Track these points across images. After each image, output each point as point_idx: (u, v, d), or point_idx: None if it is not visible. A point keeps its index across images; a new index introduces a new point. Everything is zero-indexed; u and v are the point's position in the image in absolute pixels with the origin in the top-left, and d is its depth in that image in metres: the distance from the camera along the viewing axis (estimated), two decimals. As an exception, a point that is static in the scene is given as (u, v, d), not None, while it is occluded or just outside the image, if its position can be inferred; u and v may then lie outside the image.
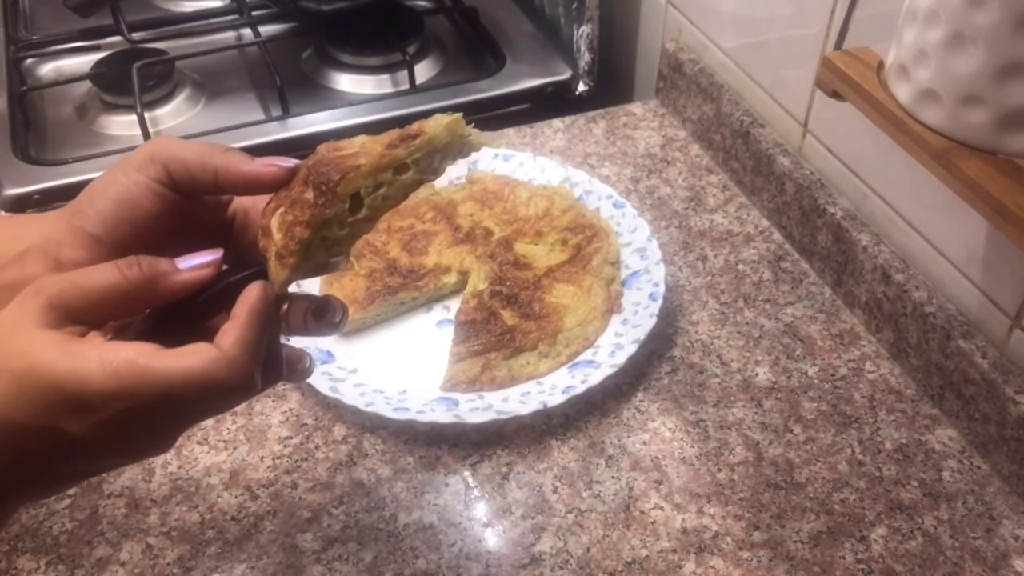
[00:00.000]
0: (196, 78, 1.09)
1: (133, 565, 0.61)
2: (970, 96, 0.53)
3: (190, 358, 0.39)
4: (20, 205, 0.91)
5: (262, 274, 0.44)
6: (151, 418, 0.40)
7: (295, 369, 0.48)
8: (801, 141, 0.86)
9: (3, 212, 0.88)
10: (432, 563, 0.62)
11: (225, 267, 0.44)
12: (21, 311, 0.39)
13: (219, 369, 0.39)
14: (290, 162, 0.46)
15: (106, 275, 0.41)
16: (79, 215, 0.44)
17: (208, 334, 0.42)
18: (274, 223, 0.44)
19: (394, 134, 0.47)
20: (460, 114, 0.48)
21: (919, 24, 0.54)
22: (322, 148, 0.47)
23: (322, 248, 0.45)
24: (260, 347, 0.42)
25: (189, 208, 0.46)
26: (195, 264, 0.43)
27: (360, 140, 0.48)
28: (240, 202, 0.50)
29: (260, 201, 0.50)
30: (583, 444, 0.69)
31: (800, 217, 0.84)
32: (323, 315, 0.47)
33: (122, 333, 0.42)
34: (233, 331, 0.41)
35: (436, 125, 0.47)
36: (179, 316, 0.43)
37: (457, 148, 0.49)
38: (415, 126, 0.47)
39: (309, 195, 0.44)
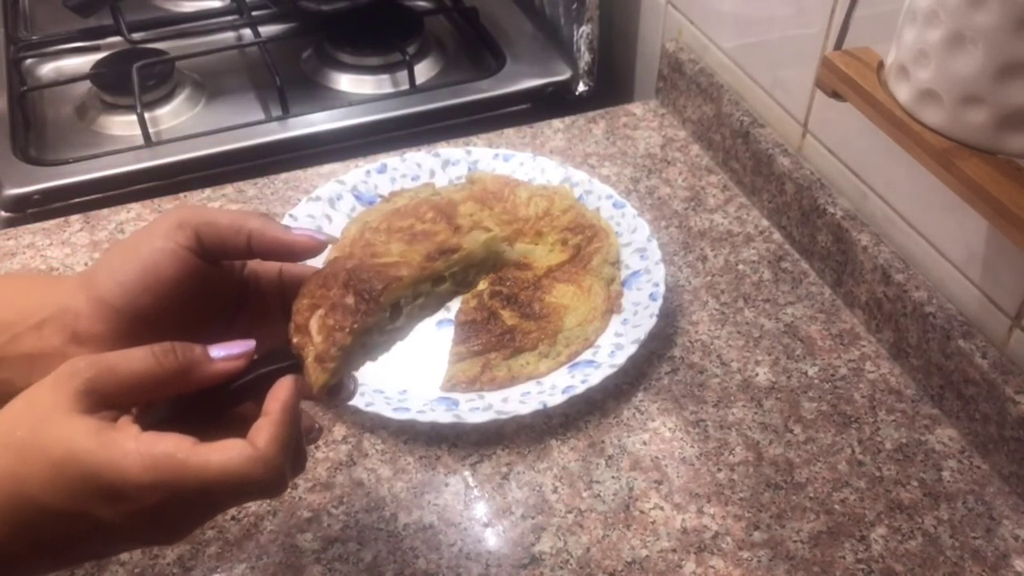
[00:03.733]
0: (196, 78, 1.09)
1: (133, 565, 0.61)
2: (970, 96, 0.53)
3: (226, 454, 0.39)
4: (20, 205, 0.91)
5: (292, 367, 0.45)
6: (182, 510, 0.40)
7: (307, 438, 0.48)
8: (801, 141, 0.86)
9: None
10: (432, 563, 0.62)
11: (255, 357, 0.45)
12: (56, 394, 0.39)
13: (255, 468, 0.40)
14: (325, 235, 0.47)
15: (142, 362, 0.41)
16: (98, 286, 0.44)
17: (233, 421, 0.43)
18: (314, 324, 0.45)
19: (432, 245, 0.49)
20: (496, 232, 0.50)
21: (919, 24, 0.54)
22: (358, 251, 0.48)
23: (360, 353, 0.46)
24: (292, 444, 0.43)
25: (208, 274, 0.47)
26: (228, 355, 0.43)
27: (398, 248, 0.49)
28: (252, 268, 0.51)
29: (270, 268, 0.51)
30: (583, 444, 0.69)
31: (800, 217, 0.84)
32: (338, 393, 0.48)
33: (146, 415, 0.42)
34: (267, 429, 0.41)
35: (474, 242, 0.49)
36: (205, 402, 0.44)
37: (492, 263, 0.51)
38: (454, 241, 0.49)
39: (350, 300, 0.45)
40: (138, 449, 0.38)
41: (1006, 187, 0.53)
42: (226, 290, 0.49)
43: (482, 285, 0.77)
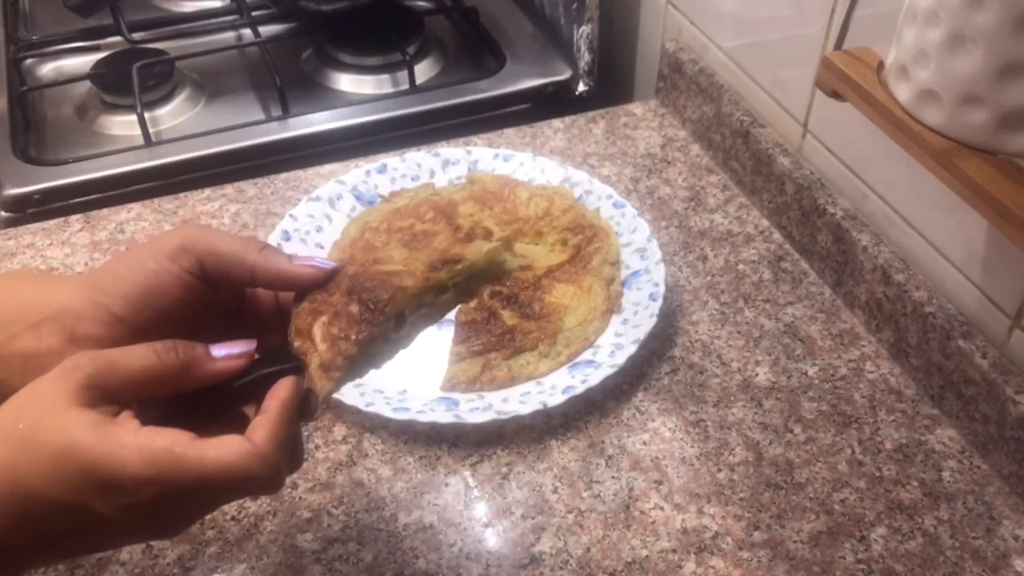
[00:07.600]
0: (196, 78, 1.09)
1: (133, 565, 0.61)
2: (970, 96, 0.53)
3: (224, 450, 0.40)
4: (20, 205, 0.91)
5: (293, 369, 0.45)
6: (179, 504, 0.41)
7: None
8: (801, 141, 0.86)
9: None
10: (432, 563, 0.62)
11: (257, 356, 0.45)
12: (59, 387, 0.40)
13: (252, 464, 0.40)
14: (329, 264, 0.48)
15: (144, 358, 0.42)
16: (102, 292, 0.45)
17: (234, 419, 0.44)
18: (317, 331, 0.46)
19: (435, 253, 0.49)
20: (499, 243, 0.51)
21: (919, 24, 0.54)
22: (359, 255, 0.49)
23: (363, 362, 0.47)
24: (289, 443, 0.43)
25: (209, 293, 0.48)
26: (229, 354, 0.44)
27: (399, 254, 0.49)
28: None
29: None
30: (583, 444, 0.69)
31: (800, 217, 0.84)
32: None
33: (146, 411, 0.43)
34: (265, 426, 0.42)
35: (476, 252, 0.50)
36: (205, 399, 0.45)
37: (494, 273, 0.51)
38: (456, 251, 0.49)
39: (354, 309, 0.45)
40: (137, 443, 0.39)
41: (1006, 187, 0.53)
42: (223, 300, 0.50)
43: (482, 285, 0.77)
